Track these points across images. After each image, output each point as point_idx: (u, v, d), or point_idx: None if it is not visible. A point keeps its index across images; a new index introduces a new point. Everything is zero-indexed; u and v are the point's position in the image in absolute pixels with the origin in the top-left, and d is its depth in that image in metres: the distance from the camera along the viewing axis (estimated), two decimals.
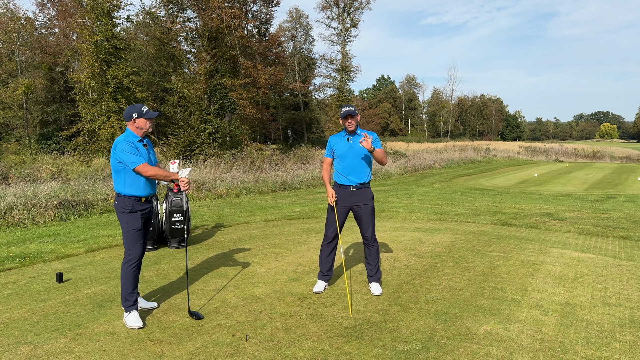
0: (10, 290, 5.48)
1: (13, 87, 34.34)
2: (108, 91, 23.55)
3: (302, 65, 56.23)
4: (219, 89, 24.11)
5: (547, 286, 5.67)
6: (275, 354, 3.88)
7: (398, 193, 15.76)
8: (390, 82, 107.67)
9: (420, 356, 3.87)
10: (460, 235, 8.56)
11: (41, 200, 10.00)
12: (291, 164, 19.75)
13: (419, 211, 11.43)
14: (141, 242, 4.62)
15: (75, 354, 3.84)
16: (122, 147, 4.49)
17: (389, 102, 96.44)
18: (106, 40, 23.66)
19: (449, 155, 35.53)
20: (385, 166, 24.70)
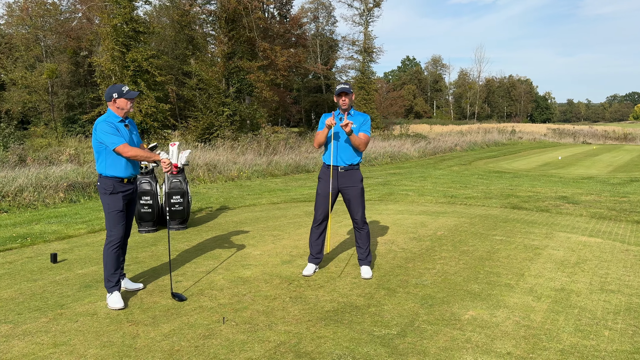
0: (4, 270, 5.57)
1: (39, 71, 34.96)
2: (127, 74, 23.74)
3: (324, 47, 55.74)
4: (237, 71, 24.06)
5: (545, 271, 5.48)
6: (249, 336, 3.83)
7: (412, 176, 15.53)
8: (415, 63, 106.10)
9: (396, 341, 3.77)
10: (466, 218, 8.36)
11: (52, 182, 10.15)
12: (307, 146, 19.65)
13: (429, 194, 11.23)
14: (123, 224, 4.60)
15: (51, 334, 3.87)
16: (102, 127, 4.46)
17: (414, 84, 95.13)
18: (125, 23, 23.79)
19: (471, 137, 34.90)
20: (404, 149, 24.40)
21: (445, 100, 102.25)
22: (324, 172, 5.34)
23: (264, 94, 24.83)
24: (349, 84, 5.35)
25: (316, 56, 54.60)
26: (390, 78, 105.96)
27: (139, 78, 24.05)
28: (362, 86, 48.19)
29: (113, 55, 23.48)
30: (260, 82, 24.40)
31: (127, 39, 23.92)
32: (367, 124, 5.27)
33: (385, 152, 21.50)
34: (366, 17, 48.64)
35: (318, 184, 5.38)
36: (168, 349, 3.62)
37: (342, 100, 5.18)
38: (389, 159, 21.21)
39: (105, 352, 3.57)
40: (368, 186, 12.73)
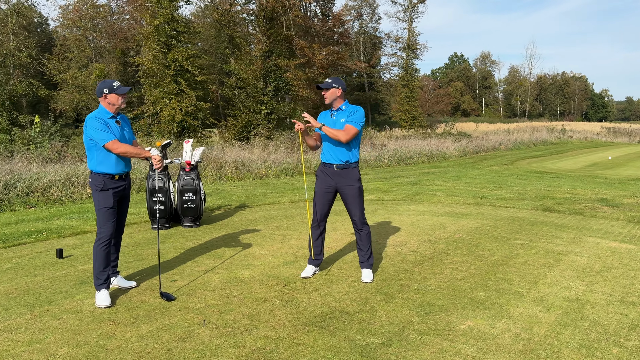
0: (11, 264, 5.65)
1: (88, 71, 36.24)
2: (168, 74, 24.22)
3: (367, 44, 55.26)
4: (274, 70, 24.10)
5: (563, 279, 5.07)
6: (225, 341, 3.68)
7: (446, 176, 15.04)
8: (463, 59, 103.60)
9: (379, 351, 3.53)
10: (490, 220, 7.94)
11: (80, 179, 10.38)
12: None
13: (458, 195, 10.80)
14: (113, 221, 4.55)
15: (30, 331, 3.84)
16: (92, 123, 4.41)
17: (462, 81, 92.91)
18: (167, 23, 24.28)
19: (518, 136, 33.68)
20: (443, 148, 23.77)
21: (495, 97, 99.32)
22: (321, 171, 5.13)
23: (300, 92, 24.76)
24: (335, 79, 5.07)
25: (359, 54, 54.20)
26: (438, 75, 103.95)
27: (179, 77, 24.49)
28: (405, 84, 47.50)
29: (155, 55, 24.00)
30: (298, 80, 24.34)
31: (169, 39, 24.39)
32: (354, 115, 4.94)
33: (422, 151, 21.00)
34: (410, 13, 47.90)
35: (315, 183, 5.18)
36: (139, 351, 3.51)
37: (324, 94, 4.99)
38: (426, 157, 20.69)
39: (75, 352, 3.50)
40: (396, 185, 12.40)
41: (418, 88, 52.53)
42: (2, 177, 9.60)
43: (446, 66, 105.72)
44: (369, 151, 19.01)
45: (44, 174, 10.30)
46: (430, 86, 75.53)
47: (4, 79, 27.19)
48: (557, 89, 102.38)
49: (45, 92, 32.23)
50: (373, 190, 11.56)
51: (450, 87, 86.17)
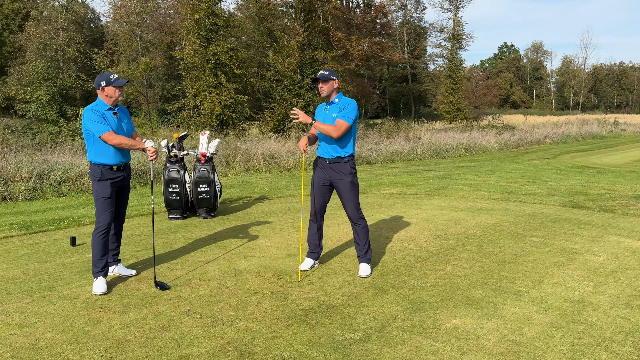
0: (27, 250, 5.91)
1: (135, 65, 37.32)
2: (208, 67, 24.63)
3: (411, 35, 54.36)
4: (311, 62, 24.09)
5: (570, 279, 4.85)
6: (204, 331, 3.72)
7: (480, 170, 14.65)
8: (513, 50, 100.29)
9: (354, 347, 3.48)
10: (511, 216, 7.68)
11: None
12: (376, 138, 19.24)
13: (485, 189, 10.50)
14: (110, 211, 4.66)
15: (24, 315, 4.00)
16: (88, 115, 4.53)
17: (511, 72, 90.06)
18: (207, 17, 24.66)
19: (565, 129, 32.38)
20: (483, 141, 23.15)
21: (546, 89, 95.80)
22: (317, 164, 5.09)
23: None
24: (331, 70, 4.98)
25: (402, 45, 53.44)
26: (487, 65, 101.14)
27: (219, 70, 24.87)
28: (450, 75, 46.50)
29: (195, 49, 24.44)
30: None
31: (209, 33, 24.78)
32: (345, 109, 4.83)
33: (460, 144, 20.52)
34: (456, 2, 46.81)
35: (312, 176, 5.14)
36: (120, 338, 3.59)
37: (320, 87, 4.90)
38: (463, 151, 20.21)
39: (59, 336, 3.62)
40: (423, 179, 12.18)
41: (464, 79, 51.33)
42: (37, 167, 10.04)
43: (495, 57, 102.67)
44: (402, 144, 18.75)
45: (76, 164, 10.70)
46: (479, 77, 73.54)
47: (54, 72, 28.36)
48: (614, 79, 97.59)
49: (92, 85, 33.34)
50: (397, 183, 11.40)
51: (499, 78, 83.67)
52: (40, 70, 27.61)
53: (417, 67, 54.85)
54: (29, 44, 30.10)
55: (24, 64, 29.39)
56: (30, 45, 30.03)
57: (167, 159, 7.53)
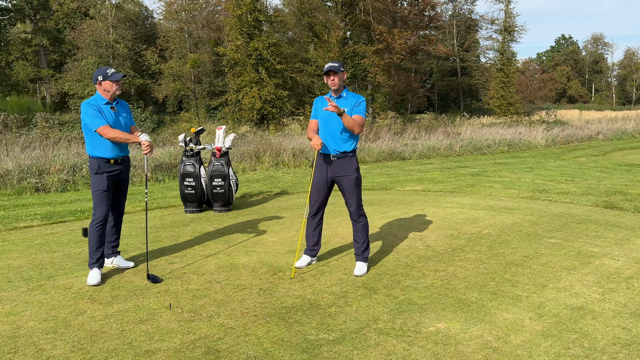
0: (41, 240, 6.12)
1: (183, 61, 38.23)
2: (250, 63, 24.89)
3: (461, 27, 52.98)
4: (352, 56, 23.90)
5: (578, 284, 4.55)
6: (179, 326, 3.72)
7: (520, 167, 14.08)
8: (572, 42, 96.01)
9: (324, 348, 3.38)
10: (533, 216, 7.31)
11: (140, 162, 11.00)
12: (414, 133, 18.87)
13: (516, 187, 10.07)
14: (107, 204, 4.74)
15: (15, 303, 4.13)
16: (85, 109, 4.62)
17: (569, 65, 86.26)
18: (249, 13, 24.91)
19: (621, 125, 30.66)
20: (529, 137, 22.27)
21: (606, 83, 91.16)
22: (318, 161, 5.00)
23: (378, 79, 24.34)
24: (339, 62, 4.88)
25: (452, 37, 52.19)
26: (544, 58, 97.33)
27: (260, 66, 25.09)
28: (501, 68, 44.99)
29: (237, 45, 24.74)
30: (375, 66, 23.94)
31: (251, 29, 25.02)
32: (361, 106, 4.80)
33: (503, 140, 19.82)
34: None
35: (313, 173, 5.05)
36: (96, 330, 3.65)
37: (331, 80, 4.77)
38: (507, 147, 19.51)
39: (40, 325, 3.71)
40: (454, 176, 11.83)
41: (518, 72, 49.53)
42: (70, 160, 10.42)
43: (552, 49, 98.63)
44: (440, 140, 18.30)
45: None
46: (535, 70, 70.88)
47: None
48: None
49: (141, 81, 34.45)
50: (425, 180, 11.12)
51: (555, 71, 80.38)
52: (91, 67, 28.72)
53: (467, 61, 53.40)
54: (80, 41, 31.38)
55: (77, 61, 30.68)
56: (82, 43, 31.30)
57: (184, 153, 7.62)
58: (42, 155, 10.81)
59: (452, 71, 54.43)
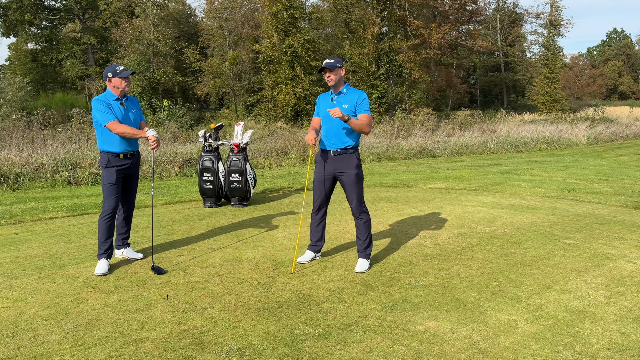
0: (63, 231, 6.39)
1: (222, 59, 38.86)
2: (285, 60, 25.08)
3: (505, 21, 51.60)
4: (387, 52, 23.71)
5: (585, 287, 4.40)
6: (173, 317, 3.82)
7: (555, 165, 13.66)
8: (624, 36, 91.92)
9: (307, 343, 3.41)
10: (555, 216, 7.09)
11: (169, 158, 11.28)
12: (447, 130, 18.57)
13: (545, 186, 9.77)
14: (115, 197, 4.90)
15: (24, 290, 4.33)
16: (95, 105, 4.79)
17: (621, 60, 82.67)
18: (285, 10, 25.08)
19: None
20: (570, 134, 21.54)
21: None
22: (320, 157, 5.01)
23: (413, 75, 24.04)
24: (336, 58, 4.87)
25: (495, 32, 50.94)
26: (595, 53, 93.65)
27: (295, 63, 25.23)
28: (546, 63, 43.66)
29: (272, 42, 24.96)
30: (411, 62, 23.66)
31: (286, 26, 25.18)
32: (363, 104, 4.76)
33: (541, 137, 19.24)
34: None
35: (314, 169, 5.07)
36: (92, 318, 3.78)
37: (327, 77, 4.76)
38: (545, 144, 18.93)
39: (42, 312, 3.88)
40: (482, 174, 11.58)
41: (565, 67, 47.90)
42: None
43: (603, 43, 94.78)
44: (475, 137, 17.93)
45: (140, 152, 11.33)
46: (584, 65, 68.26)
47: (144, 66, 30.27)
48: None
49: (180, 78, 35.22)
50: (451, 178, 10.94)
51: (606, 66, 77.25)
52: (132, 64, 29.62)
53: (510, 55, 52.03)
54: (123, 39, 32.37)
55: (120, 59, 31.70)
56: (124, 41, 32.28)
57: (203, 149, 7.77)
58: (77, 149, 11.24)
59: (496, 66, 53.15)
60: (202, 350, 3.30)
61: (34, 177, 9.58)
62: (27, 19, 42.90)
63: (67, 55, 46.16)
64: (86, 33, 44.67)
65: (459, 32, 34.27)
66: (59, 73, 45.77)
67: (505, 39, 51.16)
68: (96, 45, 45.90)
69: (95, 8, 46.40)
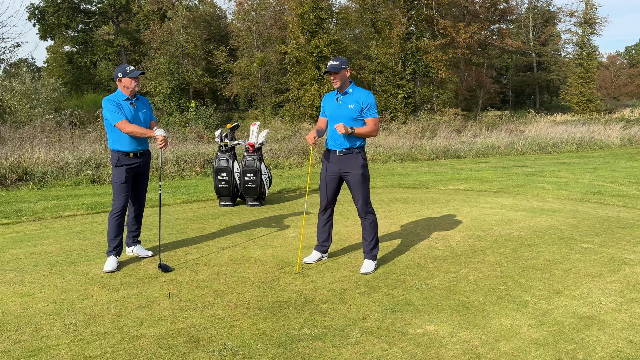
0: (80, 228, 6.53)
1: (250, 60, 39.15)
2: (310, 60, 25.11)
3: (538, 20, 50.46)
4: (413, 52, 23.49)
5: (597, 292, 4.25)
6: (173, 314, 3.85)
7: (583, 167, 13.28)
8: None
9: (302, 344, 3.38)
10: (576, 219, 6.88)
11: (191, 157, 11.42)
12: (474, 130, 18.27)
13: (569, 189, 9.51)
14: (125, 195, 4.97)
15: (34, 285, 4.44)
16: (105, 105, 4.87)
17: None
18: (311, 11, 25.11)
19: None
20: (603, 135, 20.91)
21: None
22: (325, 157, 4.98)
23: (440, 75, 23.74)
24: (341, 59, 4.81)
25: (528, 31, 49.88)
26: (632, 52, 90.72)
27: (321, 63, 25.23)
28: (580, 63, 42.49)
29: (298, 43, 25.03)
30: (438, 62, 23.37)
31: (312, 26, 25.22)
32: (370, 109, 4.71)
33: (571, 138, 18.74)
34: None
35: (321, 169, 5.05)
36: (94, 314, 3.85)
37: (333, 80, 4.73)
38: (575, 146, 18.42)
39: (47, 307, 3.97)
40: (506, 176, 11.35)
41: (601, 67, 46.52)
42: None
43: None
44: (502, 137, 17.59)
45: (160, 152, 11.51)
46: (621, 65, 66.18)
47: (174, 68, 30.77)
48: None
49: (208, 80, 35.64)
50: (472, 179, 10.75)
51: None
52: (162, 66, 30.16)
53: (543, 55, 50.84)
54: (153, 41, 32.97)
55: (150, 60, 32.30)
56: (154, 43, 32.88)
57: (219, 148, 7.83)
58: (102, 149, 11.48)
59: (528, 66, 52.02)
60: (196, 349, 3.31)
61: (59, 175, 9.84)
62: (64, 22, 44.14)
63: (101, 57, 47.32)
64: (119, 35, 45.69)
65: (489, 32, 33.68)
66: (93, 74, 46.93)
67: (538, 38, 50.04)
68: (129, 47, 46.88)
69: (128, 11, 47.39)
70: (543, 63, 51.87)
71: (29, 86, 20.44)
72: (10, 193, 8.94)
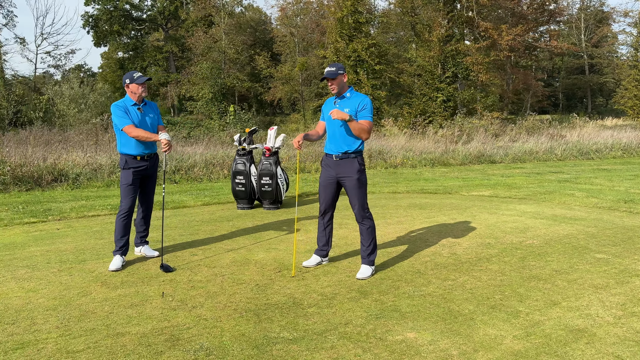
0: (99, 228, 6.80)
1: (292, 65, 39.56)
2: (348, 64, 25.13)
3: (590, 21, 48.60)
4: (453, 54, 23.13)
5: (597, 305, 4.08)
6: (161, 313, 3.96)
7: (623, 174, 12.71)
8: None
9: (277, 346, 3.42)
10: (597, 228, 6.61)
11: (219, 161, 11.67)
12: (512, 135, 17.78)
13: (600, 196, 9.13)
14: (132, 197, 5.15)
15: (41, 282, 4.67)
16: (113, 110, 5.07)
17: None
18: (350, 15, 25.15)
19: None
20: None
21: None
22: (323, 161, 5.01)
23: (480, 78, 23.22)
24: (338, 65, 4.83)
25: (579, 32, 48.12)
26: None
27: (358, 67, 25.22)
28: (635, 65, 40.60)
29: (336, 47, 25.10)
30: (478, 64, 22.88)
31: (351, 31, 25.24)
32: (365, 110, 4.71)
33: (617, 144, 17.94)
34: None
35: (320, 173, 5.07)
36: (88, 310, 4.01)
37: (330, 86, 4.76)
38: (620, 152, 17.63)
39: (47, 302, 4.16)
40: (537, 182, 11.00)
41: None
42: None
43: None
44: (542, 142, 17.04)
45: (191, 155, 11.84)
46: None
47: (216, 73, 31.47)
48: None
49: (249, 84, 36.22)
50: (500, 185, 10.48)
51: None
52: (204, 72, 30.91)
53: (596, 57, 48.92)
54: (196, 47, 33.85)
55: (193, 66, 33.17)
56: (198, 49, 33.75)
57: (237, 152, 7.98)
58: None
59: (580, 68, 50.18)
60: (174, 347, 3.40)
61: (92, 177, 10.27)
62: (116, 29, 46.02)
63: (150, 63, 48.97)
64: (168, 42, 47.17)
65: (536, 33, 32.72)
66: None
67: (590, 39, 48.20)
68: (177, 53, 48.32)
69: (177, 18, 48.87)
70: (595, 65, 49.92)
71: (77, 91, 21.41)
72: (45, 193, 9.40)
